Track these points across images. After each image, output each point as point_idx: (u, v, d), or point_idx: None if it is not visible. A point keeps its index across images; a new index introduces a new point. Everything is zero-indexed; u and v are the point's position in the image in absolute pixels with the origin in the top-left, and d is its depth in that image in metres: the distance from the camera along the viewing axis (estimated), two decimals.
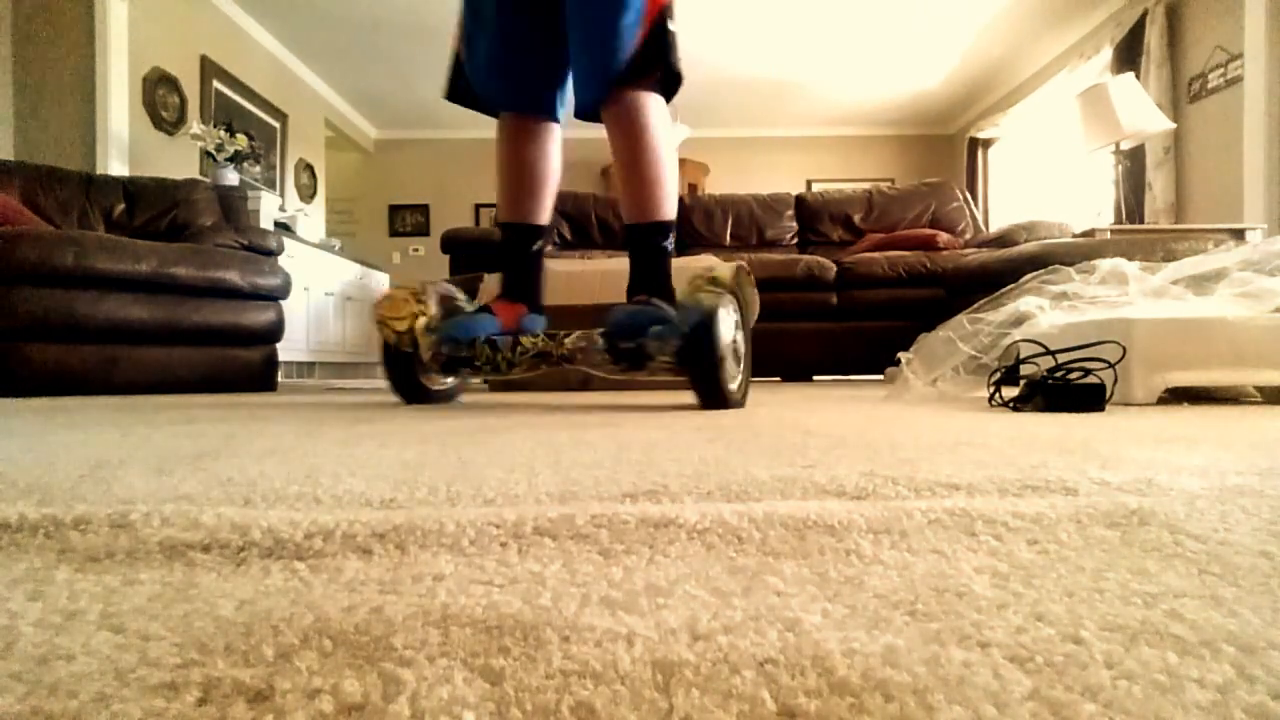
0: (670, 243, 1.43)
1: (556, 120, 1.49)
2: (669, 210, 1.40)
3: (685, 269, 1.88)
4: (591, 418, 1.07)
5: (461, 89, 1.48)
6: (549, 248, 3.67)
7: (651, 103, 1.38)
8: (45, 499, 0.41)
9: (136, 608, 0.27)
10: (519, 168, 1.48)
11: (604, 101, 1.37)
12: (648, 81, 1.36)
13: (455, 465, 0.55)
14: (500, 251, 1.51)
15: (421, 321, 1.42)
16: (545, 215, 1.50)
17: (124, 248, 2.25)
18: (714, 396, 1.27)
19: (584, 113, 1.41)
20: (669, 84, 1.40)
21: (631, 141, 1.37)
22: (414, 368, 1.47)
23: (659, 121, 1.38)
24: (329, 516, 0.36)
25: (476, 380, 1.84)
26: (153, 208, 2.86)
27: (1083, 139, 3.11)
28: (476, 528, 0.35)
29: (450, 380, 1.59)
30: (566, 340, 1.37)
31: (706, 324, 1.24)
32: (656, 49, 1.36)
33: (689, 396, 1.43)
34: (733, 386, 1.31)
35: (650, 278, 1.42)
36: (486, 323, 1.41)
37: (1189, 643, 0.22)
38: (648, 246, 1.42)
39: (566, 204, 3.96)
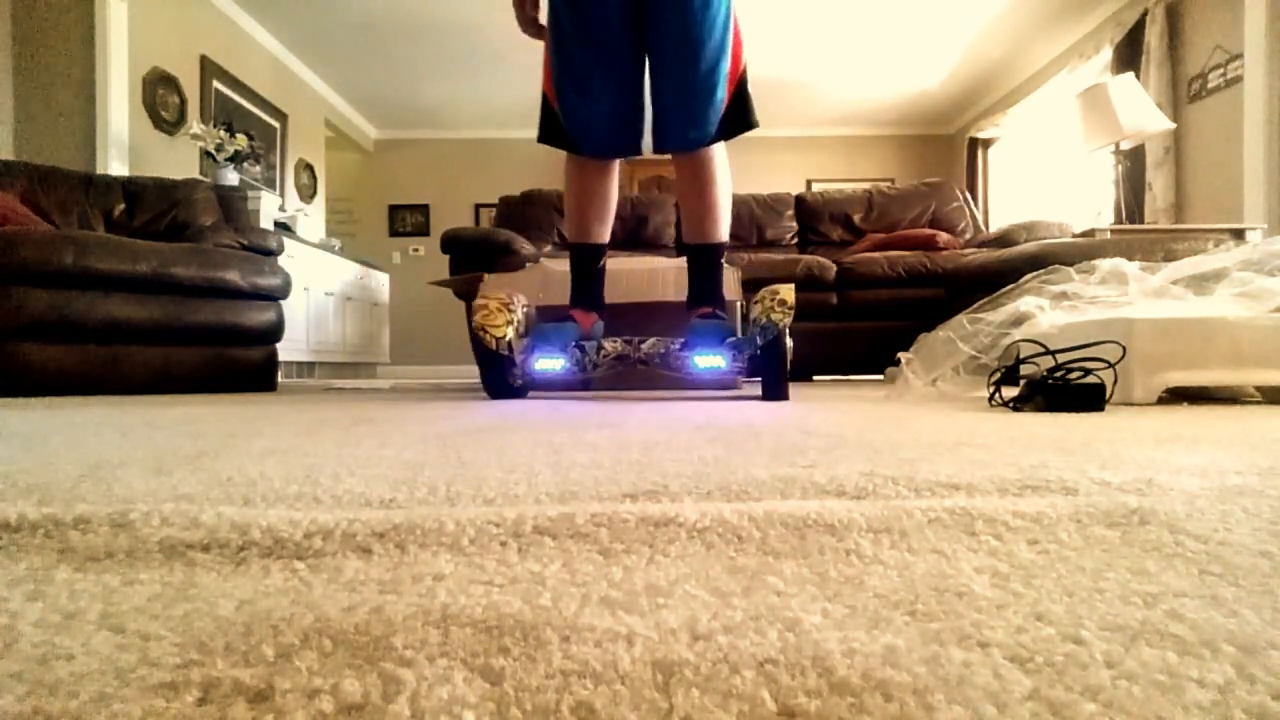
0: (723, 262, 1.74)
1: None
2: (726, 231, 1.70)
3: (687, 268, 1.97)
4: (592, 418, 1.07)
5: (555, 134, 1.64)
6: (547, 249, 3.71)
7: (721, 151, 1.65)
8: (45, 499, 0.41)
9: (136, 607, 0.27)
10: (593, 198, 1.69)
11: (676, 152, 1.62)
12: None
13: (455, 465, 0.55)
14: (574, 267, 1.75)
15: (515, 329, 1.62)
16: (609, 235, 1.75)
17: (124, 247, 2.25)
18: (780, 394, 1.55)
19: (659, 153, 1.65)
20: (743, 130, 1.63)
21: (702, 185, 1.63)
22: (506, 369, 1.67)
23: (724, 164, 1.67)
24: (329, 516, 0.36)
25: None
26: (153, 208, 2.86)
27: (1083, 139, 3.11)
28: (476, 527, 0.35)
29: (520, 381, 1.77)
30: (644, 345, 1.62)
31: (778, 339, 1.54)
32: (740, 113, 1.58)
33: (690, 396, 1.44)
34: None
35: (711, 289, 1.72)
36: (571, 329, 1.65)
37: (1189, 643, 0.22)
38: (709, 264, 1.70)
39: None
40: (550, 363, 1.60)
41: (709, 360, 1.55)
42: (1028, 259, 2.32)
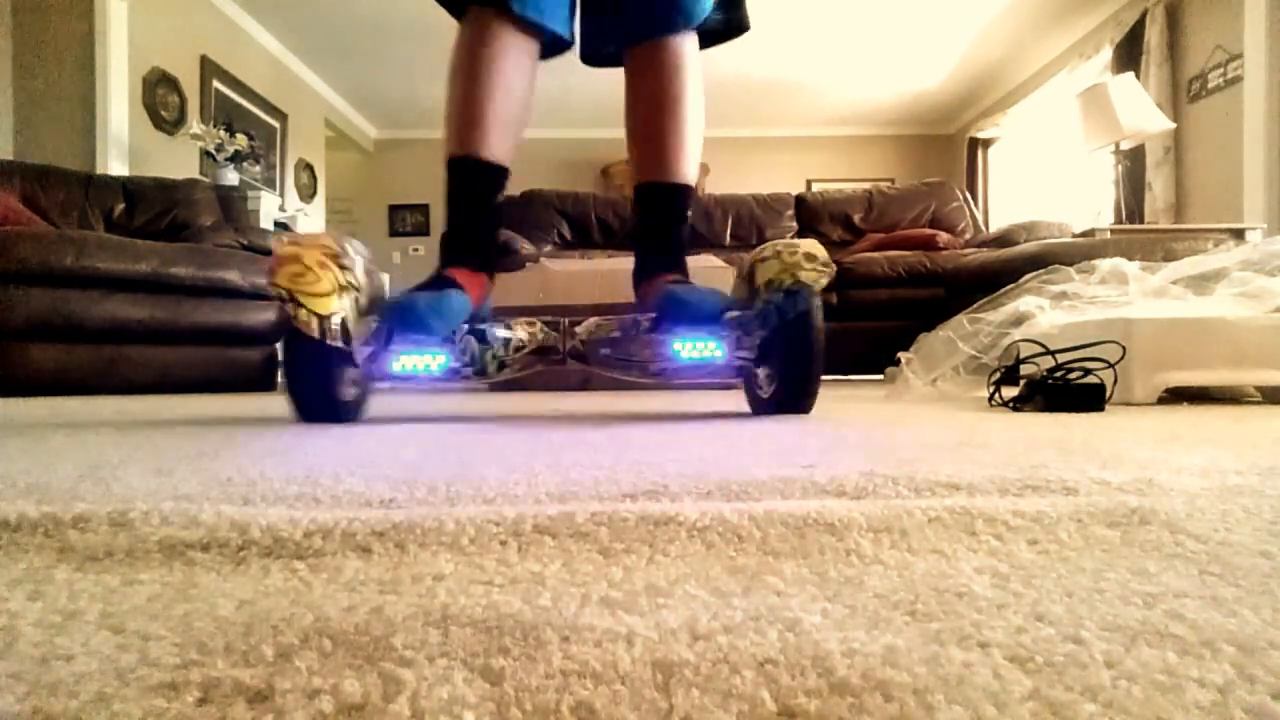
0: (689, 217, 1.18)
1: (557, 36, 1.13)
2: (694, 174, 1.16)
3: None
4: (591, 418, 1.07)
5: None
6: (547, 249, 3.59)
7: (692, 45, 1.15)
8: (44, 498, 0.41)
9: (136, 607, 0.27)
10: (492, 84, 1.07)
11: (645, 40, 1.14)
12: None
13: (455, 465, 0.55)
14: (452, 198, 1.09)
15: (351, 300, 0.93)
16: (510, 155, 1.12)
17: (124, 247, 2.25)
18: (805, 400, 1.04)
19: (604, 50, 1.17)
20: (731, 33, 1.20)
21: (677, 92, 1.13)
22: (334, 371, 0.97)
23: (697, 68, 1.15)
24: (328, 515, 0.36)
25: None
26: (152, 208, 2.86)
27: (1083, 139, 3.11)
28: (476, 525, 0.35)
29: (357, 390, 1.06)
30: (579, 329, 1.04)
31: (806, 313, 0.99)
32: (734, 1, 1.19)
33: (692, 397, 1.41)
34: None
35: (674, 252, 1.14)
36: (461, 303, 1.00)
37: (1189, 643, 0.22)
38: (671, 212, 1.15)
39: (566, 204, 3.96)
40: (422, 359, 0.97)
41: (699, 348, 1.01)
42: (1028, 259, 2.32)
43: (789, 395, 1.06)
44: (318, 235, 0.96)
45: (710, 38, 1.20)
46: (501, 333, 1.02)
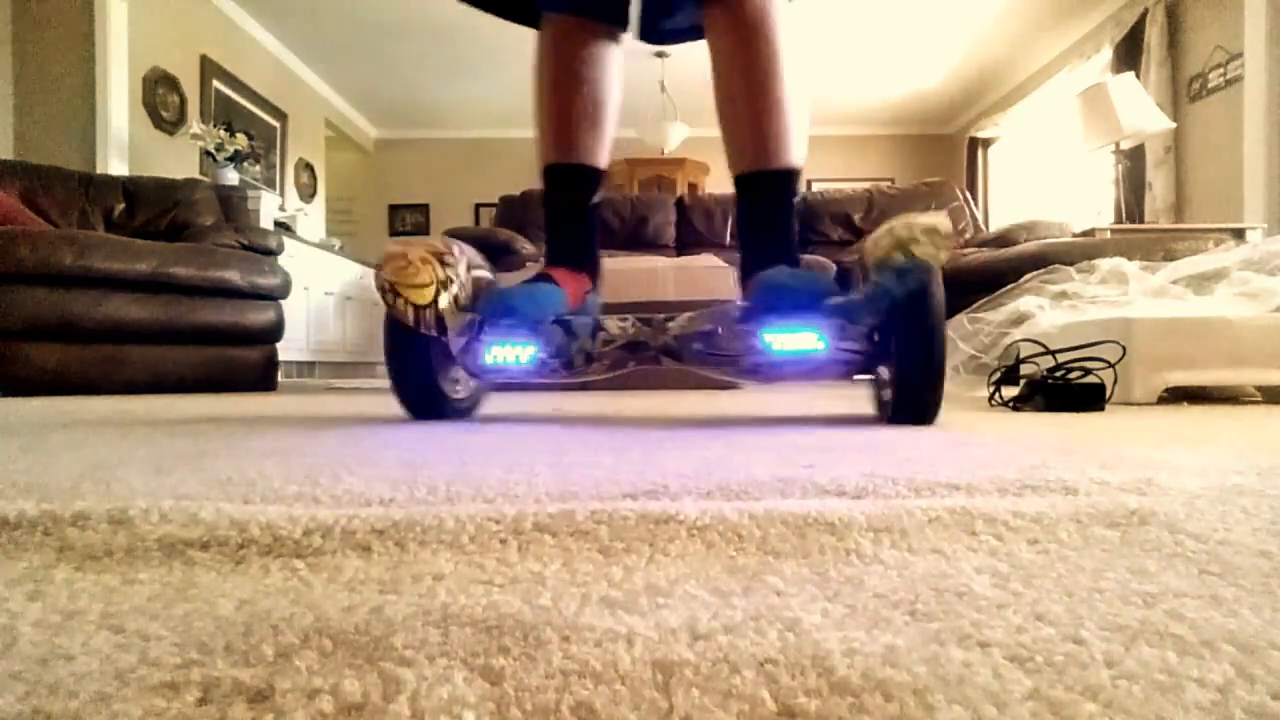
0: (797, 204, 1.04)
1: (625, 28, 1.09)
2: (800, 153, 1.00)
3: (688, 267, 1.74)
4: (591, 417, 1.07)
5: None
6: None
7: (776, 7, 1.00)
8: (44, 498, 0.41)
9: (136, 607, 0.27)
10: (580, 89, 1.05)
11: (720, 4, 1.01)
12: None
13: (455, 465, 0.55)
14: (550, 204, 1.09)
15: (450, 295, 0.94)
16: (607, 157, 1.09)
17: (124, 247, 2.25)
18: (926, 405, 0.88)
19: (669, 22, 1.08)
20: None
21: (757, 49, 0.98)
22: (434, 363, 1.00)
23: (788, 24, 1.01)
24: (328, 513, 0.36)
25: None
26: (153, 207, 2.86)
27: (1083, 138, 3.12)
28: (476, 524, 0.35)
29: (471, 386, 1.09)
30: (670, 325, 0.97)
31: (924, 290, 0.84)
32: None
33: (696, 397, 1.40)
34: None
35: (784, 244, 1.00)
36: (553, 296, 0.99)
37: (1189, 643, 0.22)
38: (778, 202, 1.00)
39: None
40: (511, 350, 0.97)
41: (796, 339, 0.89)
42: (1028, 259, 2.32)
43: (904, 399, 0.89)
44: (427, 238, 0.98)
45: None
46: (591, 327, 0.98)
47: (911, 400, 0.89)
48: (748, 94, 1.00)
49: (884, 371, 0.98)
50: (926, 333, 0.85)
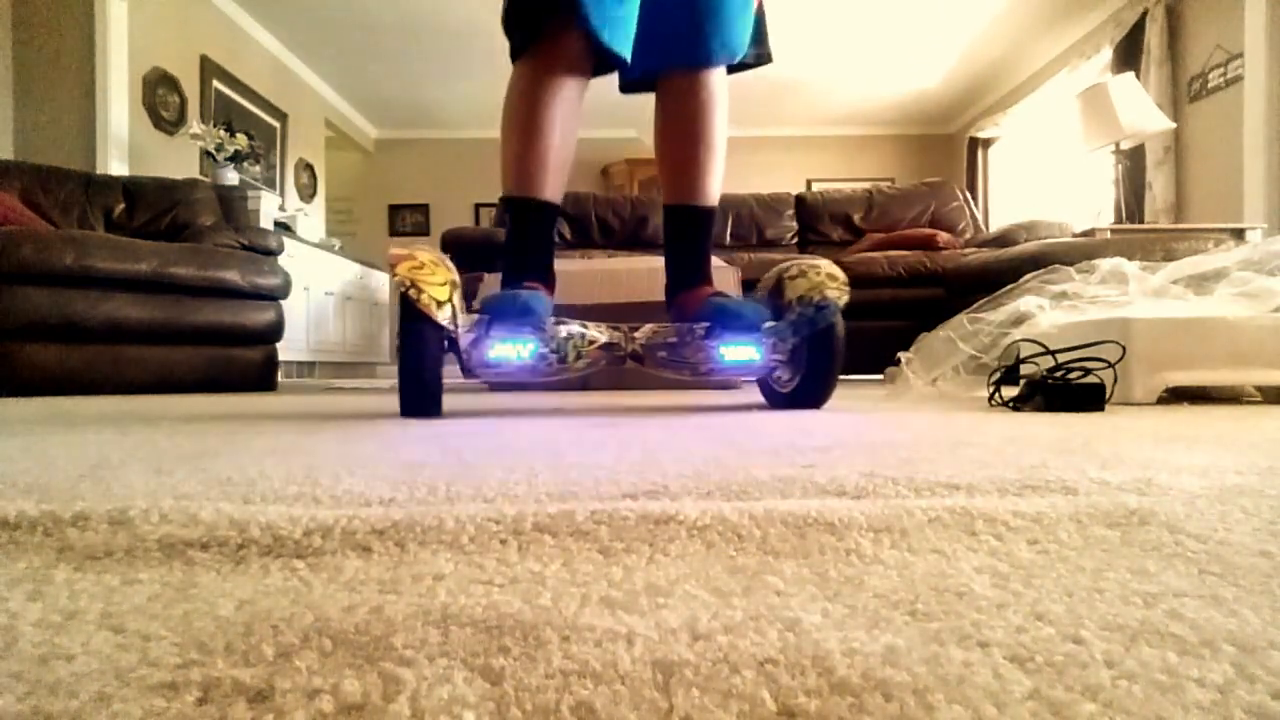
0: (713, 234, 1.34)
1: (620, 62, 1.18)
2: (718, 195, 1.31)
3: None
4: (591, 418, 1.07)
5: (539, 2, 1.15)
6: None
7: (724, 76, 1.28)
8: (44, 498, 0.41)
9: (136, 607, 0.27)
10: (551, 132, 1.18)
11: (684, 70, 1.24)
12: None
13: (455, 465, 0.55)
14: (516, 230, 1.24)
15: (460, 294, 1.09)
16: (562, 192, 1.26)
17: (124, 247, 2.25)
18: (824, 396, 1.21)
19: (639, 79, 1.28)
20: (762, 61, 1.33)
21: (705, 118, 1.25)
22: (442, 360, 1.09)
23: (726, 99, 1.29)
24: (328, 513, 0.36)
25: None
26: (153, 207, 2.85)
27: (1083, 139, 3.11)
28: (476, 524, 0.35)
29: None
30: (637, 334, 1.18)
31: (832, 326, 1.16)
32: (760, 39, 1.30)
33: (692, 396, 1.41)
34: None
35: (705, 265, 1.29)
36: (544, 300, 1.14)
37: (1189, 643, 0.22)
38: (702, 231, 1.29)
39: (567, 203, 3.95)
40: (514, 347, 1.10)
41: (740, 352, 1.17)
42: (1028, 259, 2.32)
43: (808, 392, 1.21)
44: (425, 240, 1.15)
45: (736, 67, 1.31)
46: (578, 328, 1.16)
47: (816, 392, 1.21)
48: (693, 152, 1.27)
49: (781, 373, 1.28)
50: (833, 351, 1.18)
